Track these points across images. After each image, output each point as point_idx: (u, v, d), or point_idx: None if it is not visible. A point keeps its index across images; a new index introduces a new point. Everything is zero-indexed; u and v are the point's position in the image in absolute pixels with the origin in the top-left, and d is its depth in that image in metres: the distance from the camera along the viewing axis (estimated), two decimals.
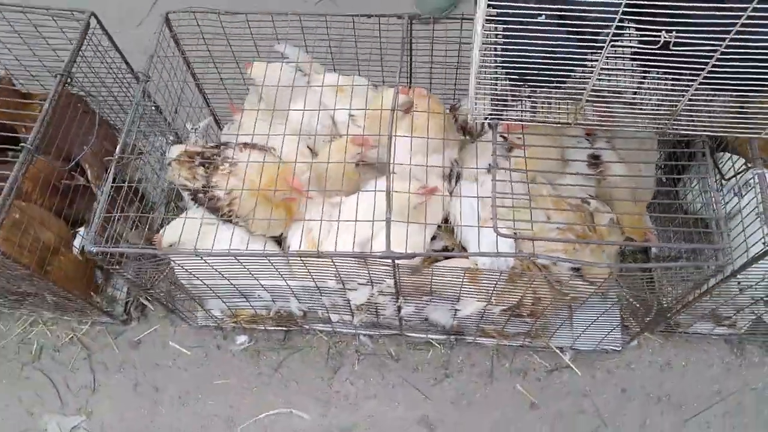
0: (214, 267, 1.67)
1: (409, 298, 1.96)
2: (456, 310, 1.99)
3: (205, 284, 1.88)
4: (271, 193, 1.84)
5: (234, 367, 2.40)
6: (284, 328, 2.40)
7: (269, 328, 2.38)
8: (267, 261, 1.64)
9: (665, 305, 2.29)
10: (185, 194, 2.11)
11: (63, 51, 2.13)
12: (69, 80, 1.93)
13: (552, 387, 2.34)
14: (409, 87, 1.97)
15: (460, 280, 1.74)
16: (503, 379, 2.35)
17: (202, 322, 2.39)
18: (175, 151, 2.11)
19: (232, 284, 1.85)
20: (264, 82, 2.11)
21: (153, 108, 2.15)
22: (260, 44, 2.13)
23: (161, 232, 1.88)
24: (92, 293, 2.36)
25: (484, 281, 1.82)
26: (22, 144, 1.76)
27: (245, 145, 2.00)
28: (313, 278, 1.77)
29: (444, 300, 1.95)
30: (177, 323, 2.49)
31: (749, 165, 1.89)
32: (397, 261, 1.58)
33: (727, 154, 1.95)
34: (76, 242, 2.20)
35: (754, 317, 2.31)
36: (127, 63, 2.26)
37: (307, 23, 2.02)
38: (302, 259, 1.61)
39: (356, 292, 1.90)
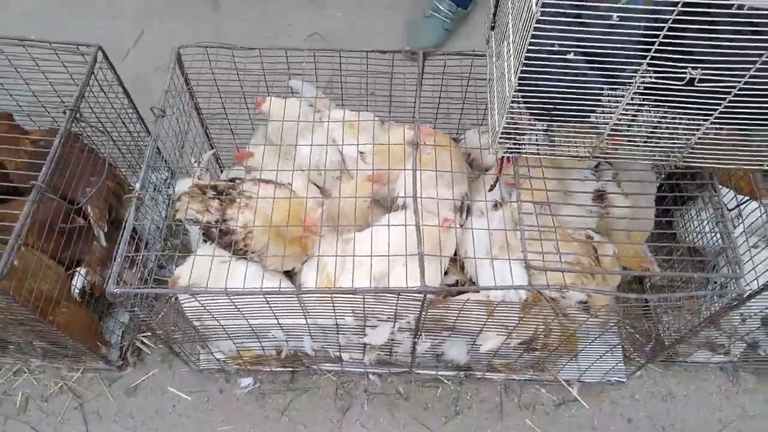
0: (238, 306, 1.62)
1: (428, 333, 1.94)
2: (476, 345, 1.98)
3: (220, 324, 1.81)
4: (285, 230, 1.82)
5: (239, 412, 2.29)
6: (290, 369, 2.32)
7: (275, 369, 2.31)
8: (295, 299, 1.61)
9: (665, 335, 2.35)
10: (194, 229, 2.06)
11: (62, 86, 2.09)
12: (79, 116, 1.88)
13: (560, 421, 2.33)
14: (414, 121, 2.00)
15: (486, 314, 1.74)
16: (513, 414, 2.33)
17: (204, 365, 2.29)
18: (184, 184, 2.07)
19: (249, 324, 1.80)
20: (277, 117, 2.11)
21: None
22: (269, 80, 2.14)
23: (176, 272, 1.82)
24: (99, 340, 2.24)
25: (503, 314, 1.83)
26: (32, 182, 1.69)
27: (261, 180, 1.98)
28: (335, 315, 1.74)
29: (464, 335, 1.94)
30: (175, 367, 2.38)
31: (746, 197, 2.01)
32: (428, 296, 1.57)
33: (724, 188, 2.05)
34: (78, 282, 2.09)
35: (745, 345, 2.40)
36: (129, 98, 2.23)
37: (309, 59, 2.04)
38: (332, 296, 1.58)
39: (375, 330, 1.87)
